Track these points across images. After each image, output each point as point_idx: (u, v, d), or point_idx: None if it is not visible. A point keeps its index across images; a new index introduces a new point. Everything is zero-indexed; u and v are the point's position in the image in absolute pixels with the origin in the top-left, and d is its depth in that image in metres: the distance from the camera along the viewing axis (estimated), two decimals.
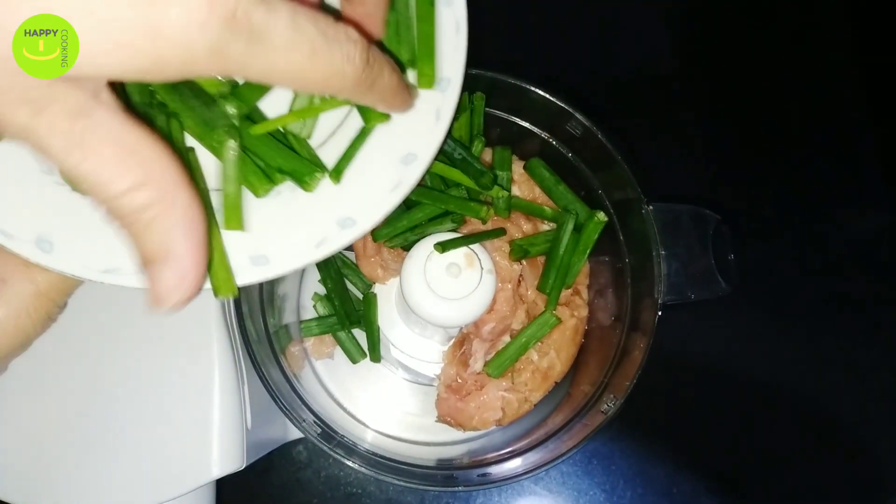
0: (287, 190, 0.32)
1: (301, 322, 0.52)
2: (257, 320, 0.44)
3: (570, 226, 0.48)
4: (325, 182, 0.33)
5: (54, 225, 0.30)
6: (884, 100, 0.70)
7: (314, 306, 0.53)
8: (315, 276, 0.53)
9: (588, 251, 0.48)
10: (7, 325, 0.31)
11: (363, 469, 0.41)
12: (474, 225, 0.49)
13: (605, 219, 0.48)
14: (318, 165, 0.32)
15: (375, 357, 0.52)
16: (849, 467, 0.62)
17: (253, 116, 0.33)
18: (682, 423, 0.62)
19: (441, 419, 0.50)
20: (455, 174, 0.46)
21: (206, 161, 0.32)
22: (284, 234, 0.32)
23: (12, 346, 0.32)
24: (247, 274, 0.31)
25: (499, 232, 0.48)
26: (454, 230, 0.48)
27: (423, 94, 0.34)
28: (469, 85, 0.47)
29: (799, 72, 0.70)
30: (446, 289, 0.44)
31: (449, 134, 0.46)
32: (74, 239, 0.30)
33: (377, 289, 0.53)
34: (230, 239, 0.31)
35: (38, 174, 0.30)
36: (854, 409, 0.63)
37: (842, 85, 0.71)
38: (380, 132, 0.33)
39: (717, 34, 0.71)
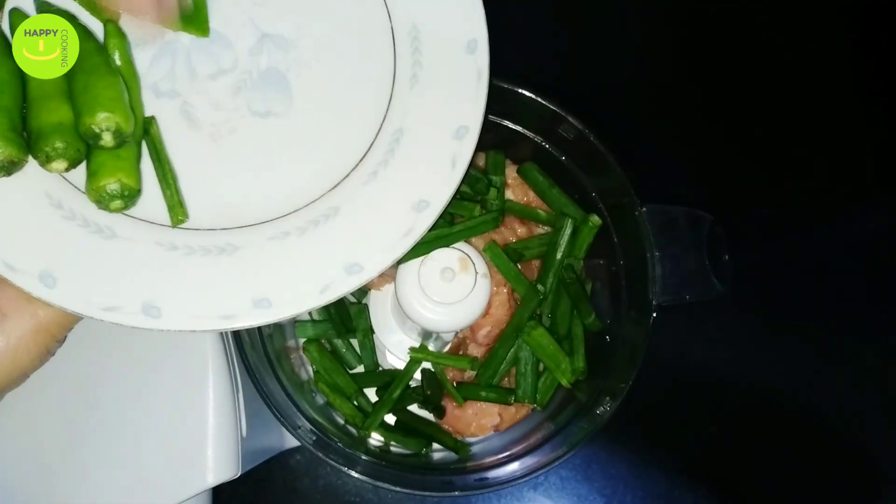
0: (295, 233, 0.32)
1: (296, 323, 0.52)
2: None
3: (569, 230, 0.48)
4: (334, 225, 0.32)
5: (59, 260, 0.30)
6: (879, 102, 0.70)
7: (310, 313, 0.53)
8: None
9: (583, 254, 0.48)
10: (5, 360, 0.31)
11: (359, 476, 0.41)
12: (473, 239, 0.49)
13: (599, 222, 0.48)
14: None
15: (370, 366, 0.52)
16: (847, 471, 0.62)
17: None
18: (680, 428, 0.62)
19: (438, 426, 0.50)
20: None
21: None
22: (289, 278, 0.32)
23: (9, 381, 0.32)
24: (248, 317, 0.31)
25: (488, 223, 0.48)
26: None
27: (440, 141, 0.34)
28: None
29: (795, 74, 0.70)
30: (441, 293, 0.44)
31: None
32: (78, 275, 0.30)
33: (373, 294, 0.53)
34: (235, 279, 0.31)
35: (47, 208, 0.30)
36: (852, 413, 0.63)
37: (838, 87, 0.71)
38: (392, 177, 0.33)
39: (712, 37, 0.71)
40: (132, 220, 0.31)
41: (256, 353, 0.43)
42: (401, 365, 0.53)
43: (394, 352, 0.53)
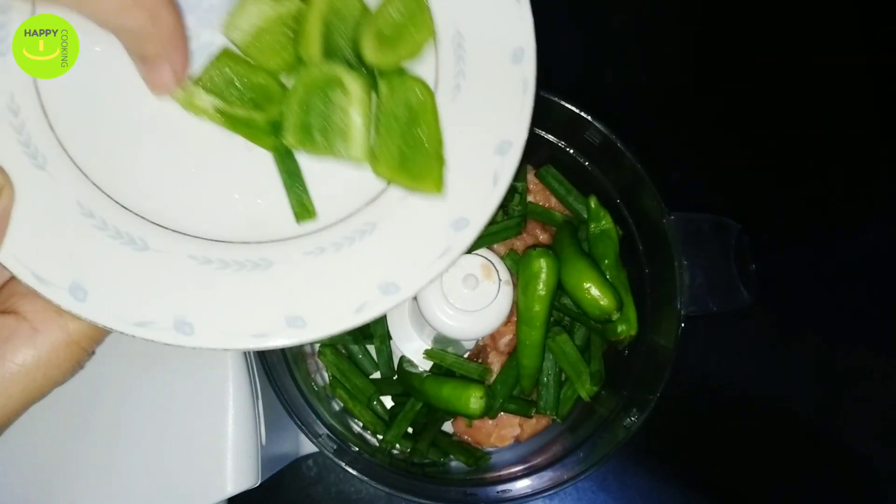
0: (330, 249, 0.31)
1: None
2: None
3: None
4: (370, 242, 0.31)
5: (89, 272, 0.28)
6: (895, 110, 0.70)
7: None
8: None
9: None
10: (37, 374, 0.30)
11: (381, 487, 0.40)
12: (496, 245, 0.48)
13: (621, 232, 0.47)
14: None
15: (386, 372, 0.51)
16: (868, 486, 0.61)
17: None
18: (697, 439, 0.61)
19: (458, 437, 0.49)
20: None
21: None
22: (324, 297, 0.30)
23: (39, 394, 0.32)
24: (282, 336, 0.29)
25: (511, 230, 0.47)
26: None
27: (482, 156, 0.32)
28: None
29: (813, 84, 0.70)
30: (463, 301, 0.43)
31: None
32: (109, 288, 0.29)
33: None
34: (269, 297, 0.30)
35: (78, 218, 0.29)
36: (873, 426, 0.62)
37: (854, 96, 0.70)
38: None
39: (734, 46, 0.70)
40: (165, 231, 0.30)
41: (276, 359, 0.43)
42: (418, 371, 0.52)
43: (411, 358, 0.52)
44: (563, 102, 0.45)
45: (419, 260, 0.31)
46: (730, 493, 0.60)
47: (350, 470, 0.40)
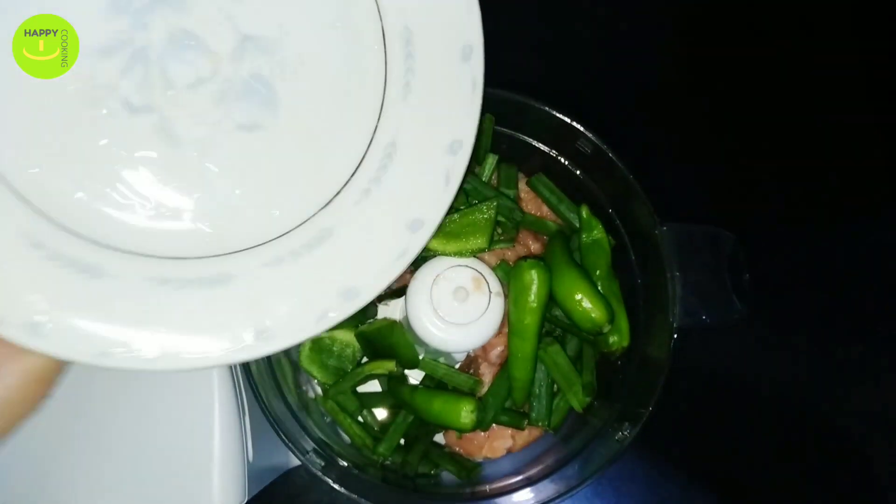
0: (289, 258, 0.30)
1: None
2: None
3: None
4: (328, 249, 0.31)
5: (46, 306, 0.27)
6: (891, 113, 0.69)
7: None
8: None
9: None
10: (5, 412, 0.30)
11: None
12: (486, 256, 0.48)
13: (613, 242, 0.47)
14: None
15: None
16: (867, 486, 0.61)
17: None
18: (692, 443, 0.61)
19: (449, 448, 0.48)
20: None
21: None
22: (287, 307, 0.30)
23: (14, 427, 0.31)
24: (249, 351, 0.29)
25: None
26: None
27: (433, 157, 0.32)
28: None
29: (807, 88, 0.69)
30: (454, 314, 0.43)
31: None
32: (68, 321, 0.28)
33: (380, 309, 0.52)
34: (234, 312, 0.29)
35: (26, 249, 0.28)
36: (871, 427, 0.62)
37: (850, 99, 0.70)
38: (386, 195, 0.31)
39: (727, 53, 0.70)
40: (120, 255, 0.29)
41: (263, 376, 0.42)
42: (408, 383, 0.52)
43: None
44: (553, 112, 0.44)
45: (377, 264, 0.31)
46: (727, 497, 0.60)
47: (338, 487, 0.40)
